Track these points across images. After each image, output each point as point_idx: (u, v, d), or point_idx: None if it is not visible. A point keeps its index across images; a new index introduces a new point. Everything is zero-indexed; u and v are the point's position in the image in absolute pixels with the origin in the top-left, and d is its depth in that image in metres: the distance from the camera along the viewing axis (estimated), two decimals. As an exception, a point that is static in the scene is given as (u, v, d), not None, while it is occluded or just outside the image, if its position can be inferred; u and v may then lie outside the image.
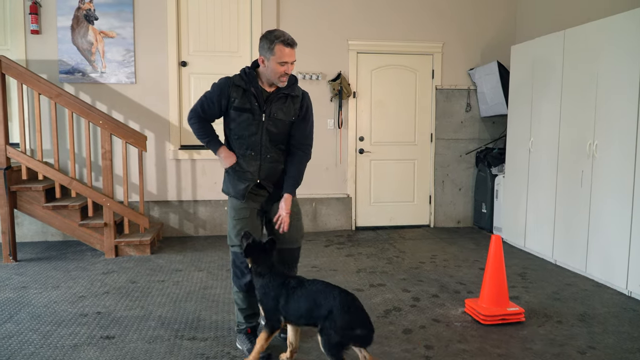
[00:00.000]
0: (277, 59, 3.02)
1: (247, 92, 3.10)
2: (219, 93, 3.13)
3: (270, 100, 3.14)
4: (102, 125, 5.43)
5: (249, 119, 3.12)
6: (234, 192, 3.24)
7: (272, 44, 3.02)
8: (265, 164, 3.21)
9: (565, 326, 3.74)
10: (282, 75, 3.06)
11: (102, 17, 6.17)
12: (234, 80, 3.13)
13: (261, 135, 3.16)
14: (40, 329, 3.65)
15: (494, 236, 3.86)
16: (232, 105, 3.11)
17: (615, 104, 4.47)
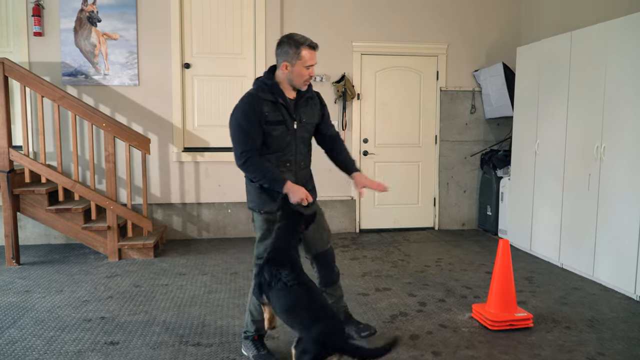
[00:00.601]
0: (304, 63, 3.01)
1: (277, 104, 3.04)
2: (252, 112, 2.99)
3: (297, 107, 3.12)
4: (105, 128, 5.40)
5: (283, 131, 3.05)
6: (267, 207, 3.09)
7: (298, 49, 3.00)
8: (300, 172, 3.18)
9: (573, 332, 3.70)
10: (307, 79, 3.07)
11: (105, 19, 6.14)
12: (258, 95, 3.03)
13: (295, 145, 3.12)
14: (44, 334, 3.62)
15: (501, 241, 3.82)
16: (264, 120, 2.99)
17: (623, 107, 4.43)
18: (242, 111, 3.01)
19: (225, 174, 6.49)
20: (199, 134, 6.49)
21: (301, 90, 3.15)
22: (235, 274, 5.07)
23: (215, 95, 6.48)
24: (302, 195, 2.93)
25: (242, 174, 6.53)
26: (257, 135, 2.99)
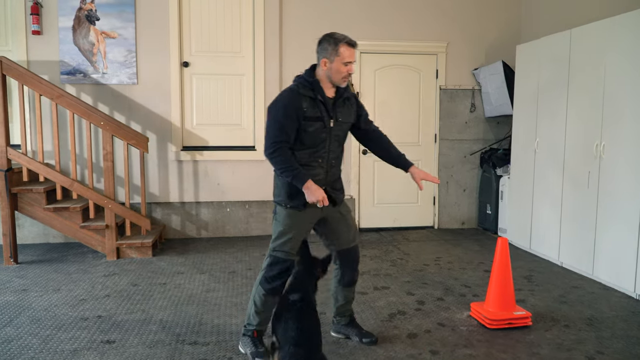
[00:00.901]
0: (342, 60, 3.04)
1: (316, 101, 3.08)
2: (291, 107, 3.03)
3: (335, 105, 3.16)
4: (103, 126, 5.39)
5: (319, 128, 3.09)
6: (293, 202, 3.10)
7: (336, 46, 3.04)
8: (331, 170, 3.20)
9: (572, 330, 3.68)
10: (345, 75, 3.09)
11: (104, 17, 6.13)
12: (299, 91, 3.07)
13: (329, 142, 3.15)
14: (40, 333, 3.60)
15: (500, 239, 3.80)
16: (302, 115, 3.04)
17: (623, 105, 4.41)
18: (281, 105, 3.06)
19: (224, 173, 6.48)
20: (198, 133, 6.48)
21: (340, 90, 3.18)
22: (233, 272, 5.05)
23: (214, 93, 6.46)
24: (319, 196, 2.97)
25: (240, 173, 6.55)
26: (292, 129, 3.03)
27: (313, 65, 3.19)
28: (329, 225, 3.29)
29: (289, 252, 3.14)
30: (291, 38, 6.47)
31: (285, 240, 3.14)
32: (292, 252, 3.15)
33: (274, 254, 3.17)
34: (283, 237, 3.14)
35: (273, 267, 3.16)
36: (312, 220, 3.23)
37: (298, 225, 3.16)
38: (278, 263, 3.15)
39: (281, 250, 3.15)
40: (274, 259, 3.16)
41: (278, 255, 3.15)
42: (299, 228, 3.16)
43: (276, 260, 3.16)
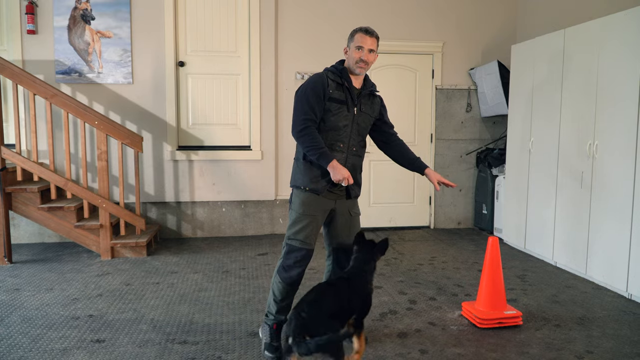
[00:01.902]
0: (355, 44, 3.16)
1: (342, 86, 3.19)
2: (320, 86, 3.14)
3: (360, 96, 3.25)
4: (97, 125, 5.39)
5: (343, 111, 3.18)
6: (313, 185, 3.17)
7: (354, 33, 3.21)
8: (350, 157, 3.24)
9: (563, 330, 3.68)
10: (358, 60, 3.15)
11: (99, 17, 6.13)
12: (327, 75, 3.19)
13: (351, 128, 3.22)
14: (31, 332, 3.60)
15: (490, 238, 3.80)
16: (328, 96, 3.14)
17: (616, 104, 4.40)
18: (310, 86, 3.15)
19: (220, 173, 6.48)
20: (194, 133, 6.48)
21: (367, 84, 3.28)
22: (227, 272, 5.05)
23: (209, 93, 6.47)
24: (345, 174, 3.02)
25: (236, 173, 6.54)
26: (319, 109, 3.13)
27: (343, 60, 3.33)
28: (334, 220, 3.31)
29: (303, 241, 3.17)
30: (287, 38, 6.47)
31: (299, 228, 3.17)
32: (307, 241, 3.18)
33: (289, 242, 3.21)
34: (297, 225, 3.18)
35: (289, 256, 3.20)
36: (326, 209, 3.24)
37: (312, 212, 3.18)
38: (293, 251, 3.18)
39: (295, 239, 3.18)
40: (290, 247, 3.20)
41: (293, 244, 3.19)
42: (313, 216, 3.19)
43: (291, 248, 3.19)
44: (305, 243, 3.17)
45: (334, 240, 3.36)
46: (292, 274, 3.19)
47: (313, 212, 3.18)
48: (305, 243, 3.17)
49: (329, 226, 3.35)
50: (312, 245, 3.20)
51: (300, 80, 6.51)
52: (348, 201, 3.32)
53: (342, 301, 2.90)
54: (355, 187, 3.32)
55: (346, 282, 3.01)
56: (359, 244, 3.17)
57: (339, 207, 3.28)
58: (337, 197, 3.26)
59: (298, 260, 3.18)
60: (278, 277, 3.23)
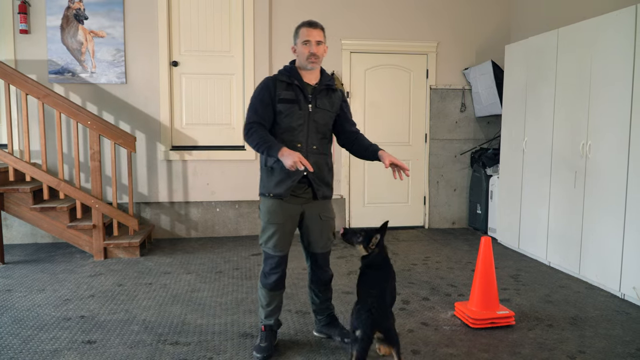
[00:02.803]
0: (301, 39, 3.13)
1: (292, 85, 3.15)
2: (266, 90, 3.15)
3: (315, 92, 3.19)
4: (90, 125, 5.37)
5: (295, 111, 3.13)
6: (276, 190, 3.14)
7: (297, 29, 3.18)
8: (311, 156, 3.16)
9: (555, 330, 3.68)
10: (308, 56, 3.11)
11: (92, 16, 6.11)
12: (276, 77, 3.19)
13: (307, 126, 3.17)
14: (21, 333, 3.58)
15: (483, 238, 3.79)
16: (278, 98, 3.13)
17: (609, 104, 4.40)
18: (256, 93, 3.19)
19: (213, 173, 6.46)
20: (187, 133, 6.46)
21: (324, 79, 3.23)
22: (220, 272, 5.04)
23: (203, 93, 6.45)
24: (296, 158, 2.88)
25: (230, 173, 6.52)
26: (265, 112, 3.13)
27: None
28: (306, 224, 3.28)
29: (274, 248, 3.18)
30: (281, 37, 6.46)
31: (268, 236, 3.18)
32: (278, 249, 3.19)
33: (263, 249, 3.25)
34: (266, 233, 3.19)
35: (266, 262, 3.25)
36: (293, 215, 3.22)
37: (278, 220, 3.17)
38: (268, 258, 3.22)
39: (267, 247, 3.20)
40: (265, 255, 3.25)
41: (266, 251, 3.22)
42: (279, 224, 3.17)
43: (266, 255, 3.23)
44: (276, 250, 3.18)
45: (308, 244, 3.35)
46: (271, 280, 3.23)
47: (279, 219, 3.17)
48: (276, 250, 3.18)
49: (301, 230, 3.34)
50: (284, 251, 3.21)
51: (294, 80, 6.50)
52: (317, 204, 3.26)
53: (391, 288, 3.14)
54: (323, 186, 3.25)
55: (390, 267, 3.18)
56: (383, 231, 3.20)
57: (308, 210, 3.25)
58: (304, 200, 3.22)
59: (273, 267, 3.22)
60: (260, 284, 3.30)
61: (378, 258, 3.16)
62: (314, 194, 3.22)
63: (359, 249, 3.18)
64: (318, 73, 3.24)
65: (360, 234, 3.19)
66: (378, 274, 3.11)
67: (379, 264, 3.15)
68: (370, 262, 3.15)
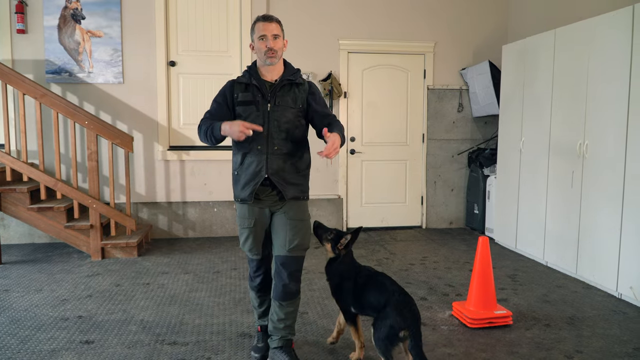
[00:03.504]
0: (257, 35, 3.02)
1: (250, 86, 3.05)
2: (223, 93, 3.11)
3: (274, 89, 3.03)
4: (87, 125, 5.36)
5: (253, 112, 3.00)
6: (241, 194, 3.06)
7: (253, 25, 3.07)
8: (273, 157, 2.99)
9: (553, 329, 3.69)
10: (266, 51, 2.98)
11: (89, 16, 6.10)
12: (236, 80, 3.12)
13: (268, 126, 2.99)
14: (19, 333, 3.58)
15: (481, 238, 3.80)
16: (236, 101, 3.05)
17: (605, 104, 4.42)
18: (218, 94, 3.15)
19: (211, 173, 6.46)
20: (185, 133, 6.46)
21: (286, 74, 3.07)
22: (217, 272, 5.04)
23: (201, 93, 6.44)
24: (239, 127, 2.76)
25: (227, 173, 6.53)
26: (220, 114, 3.06)
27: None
28: (272, 225, 3.13)
29: (250, 252, 3.15)
30: (278, 37, 6.45)
31: (243, 240, 3.15)
32: (254, 252, 3.14)
33: (245, 253, 3.23)
34: (241, 237, 3.16)
35: (249, 265, 3.26)
36: (263, 218, 3.09)
37: (248, 224, 3.09)
38: (250, 261, 3.23)
39: (247, 251, 3.17)
40: (248, 259, 3.24)
41: (246, 255, 3.22)
42: (250, 228, 3.09)
43: (248, 259, 3.24)
44: (252, 253, 3.15)
45: (271, 246, 3.17)
46: (256, 283, 3.24)
47: (248, 223, 3.09)
48: (252, 253, 3.15)
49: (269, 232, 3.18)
50: (260, 254, 3.16)
51: (292, 80, 6.50)
52: (286, 205, 3.07)
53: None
54: (290, 187, 3.04)
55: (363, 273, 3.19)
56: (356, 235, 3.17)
57: (276, 212, 3.10)
58: (271, 203, 3.06)
59: (255, 270, 3.22)
60: (249, 287, 3.33)
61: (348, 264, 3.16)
62: (281, 196, 3.05)
63: (327, 247, 3.18)
64: (281, 68, 3.08)
65: (331, 232, 3.19)
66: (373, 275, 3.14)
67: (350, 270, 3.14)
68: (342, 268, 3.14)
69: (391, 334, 2.85)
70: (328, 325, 3.74)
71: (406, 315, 2.86)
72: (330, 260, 3.19)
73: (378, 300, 2.97)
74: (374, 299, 3.00)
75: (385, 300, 2.93)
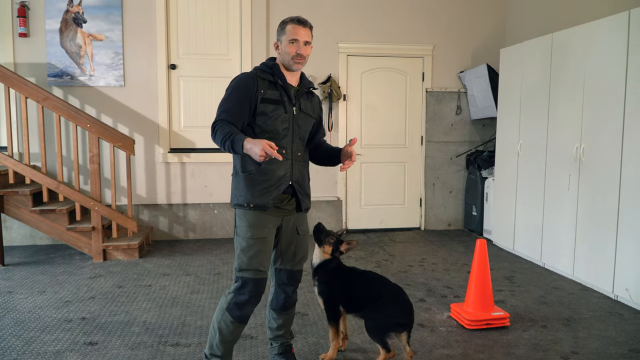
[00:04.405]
0: (288, 37, 2.81)
1: (276, 85, 2.82)
2: (244, 87, 2.76)
3: (298, 95, 2.89)
4: (89, 128, 5.41)
5: (281, 113, 2.80)
6: (258, 200, 2.75)
7: (284, 25, 2.86)
8: (296, 163, 2.87)
9: (550, 331, 3.74)
10: (295, 56, 2.80)
11: (91, 20, 6.15)
12: (257, 73, 2.82)
13: (292, 131, 2.85)
14: (24, 335, 3.63)
15: (479, 240, 3.86)
16: (260, 97, 2.76)
17: (602, 108, 4.47)
18: (232, 87, 2.80)
19: (211, 175, 6.52)
20: (185, 135, 6.51)
21: (304, 82, 2.95)
22: (218, 274, 5.09)
23: (201, 96, 6.50)
24: (264, 145, 2.46)
25: (228, 175, 6.56)
26: (238, 112, 2.73)
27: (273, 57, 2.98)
28: (280, 237, 2.94)
29: (258, 270, 2.76)
30: (278, 41, 6.50)
31: (251, 255, 2.76)
32: (262, 269, 2.78)
33: (241, 274, 2.76)
34: (249, 252, 2.76)
35: (243, 291, 2.76)
36: (274, 228, 2.87)
37: (263, 234, 2.79)
38: (248, 285, 2.75)
39: (249, 269, 2.75)
40: (244, 281, 2.75)
41: (246, 276, 2.75)
42: (264, 238, 2.80)
43: (245, 281, 2.75)
44: (260, 272, 2.77)
45: (277, 261, 2.99)
46: (248, 312, 2.80)
47: (263, 233, 2.79)
48: (260, 272, 2.77)
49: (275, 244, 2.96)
50: (267, 271, 2.83)
51: (291, 83, 6.56)
52: (296, 217, 2.96)
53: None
54: (306, 198, 2.96)
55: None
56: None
57: (285, 224, 2.93)
58: (286, 213, 2.90)
59: (254, 295, 2.77)
60: (228, 316, 2.79)
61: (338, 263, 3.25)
62: (297, 206, 2.94)
63: (325, 249, 3.19)
64: (298, 74, 2.93)
65: (332, 236, 3.20)
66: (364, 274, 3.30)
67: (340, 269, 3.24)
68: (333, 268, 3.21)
69: (388, 322, 3.02)
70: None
71: (402, 303, 3.07)
72: (323, 262, 3.21)
73: (371, 292, 3.11)
74: (367, 292, 3.12)
75: (378, 293, 3.09)
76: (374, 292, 3.11)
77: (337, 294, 3.16)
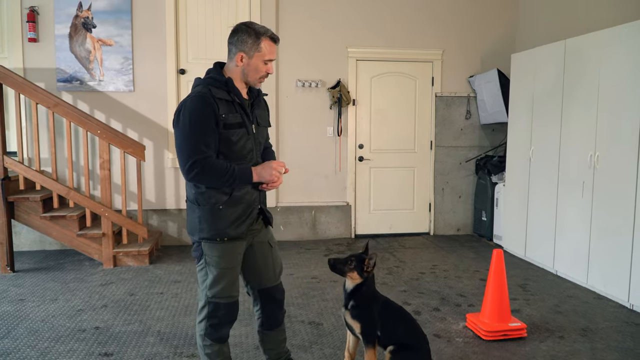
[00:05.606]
0: (263, 57, 2.58)
1: (233, 104, 2.56)
2: (210, 115, 2.47)
3: (252, 108, 2.69)
4: (100, 134, 5.39)
5: (244, 136, 2.59)
6: (234, 231, 2.60)
7: (258, 39, 2.56)
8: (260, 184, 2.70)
9: (567, 342, 3.72)
10: (264, 75, 2.63)
11: (100, 25, 6.13)
12: (212, 93, 2.50)
13: (255, 152, 2.67)
14: (38, 345, 3.61)
15: (495, 250, 3.82)
16: (222, 124, 2.49)
17: (617, 115, 4.45)
18: (195, 116, 2.46)
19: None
20: (195, 140, 6.48)
21: (253, 90, 2.73)
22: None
23: (210, 101, 6.47)
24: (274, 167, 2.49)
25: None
26: (213, 141, 2.49)
27: (218, 63, 2.71)
28: (253, 256, 2.80)
29: (231, 295, 2.67)
30: (288, 45, 6.47)
31: (225, 284, 2.63)
32: (235, 293, 2.69)
33: (213, 300, 2.64)
34: (222, 282, 2.63)
35: (216, 314, 2.66)
36: (244, 249, 2.74)
37: (235, 262, 2.67)
38: (220, 309, 2.66)
39: (221, 297, 2.64)
40: (216, 306, 2.65)
41: (219, 302, 2.64)
42: (236, 264, 2.68)
43: (217, 307, 2.65)
44: (232, 297, 2.68)
45: (257, 279, 2.85)
46: (224, 332, 2.73)
47: (237, 261, 2.68)
48: (232, 297, 2.68)
49: (247, 266, 2.81)
50: (238, 292, 2.73)
51: (301, 88, 6.54)
52: (264, 231, 2.83)
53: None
54: (268, 212, 2.83)
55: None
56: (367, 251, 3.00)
57: (257, 242, 2.79)
58: (256, 233, 2.77)
59: (227, 314, 2.69)
60: (208, 340, 2.69)
61: (373, 287, 3.02)
62: (265, 221, 2.82)
63: (353, 276, 2.91)
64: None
65: (350, 260, 2.91)
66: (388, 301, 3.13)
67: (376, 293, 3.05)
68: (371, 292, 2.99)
69: None
70: (344, 337, 3.75)
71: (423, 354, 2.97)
72: (356, 287, 2.93)
73: (407, 336, 2.97)
74: (403, 333, 2.98)
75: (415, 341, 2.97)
76: (409, 336, 2.98)
77: (375, 318, 2.94)
